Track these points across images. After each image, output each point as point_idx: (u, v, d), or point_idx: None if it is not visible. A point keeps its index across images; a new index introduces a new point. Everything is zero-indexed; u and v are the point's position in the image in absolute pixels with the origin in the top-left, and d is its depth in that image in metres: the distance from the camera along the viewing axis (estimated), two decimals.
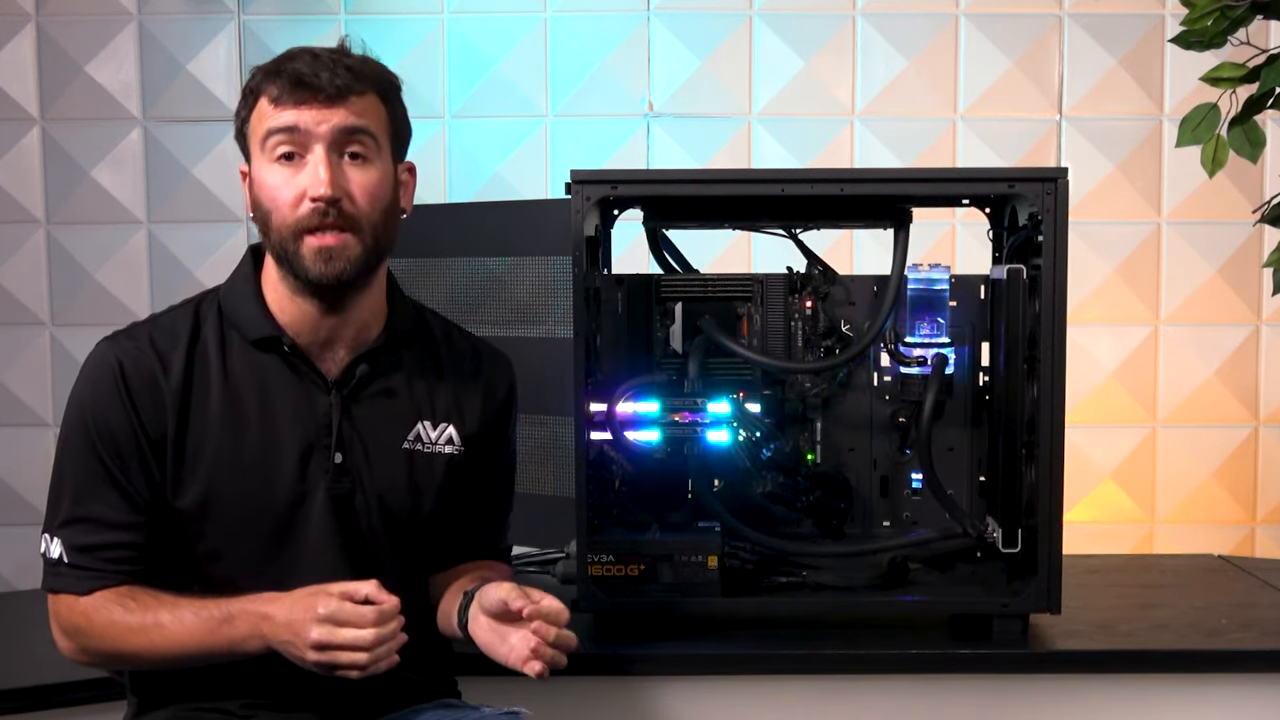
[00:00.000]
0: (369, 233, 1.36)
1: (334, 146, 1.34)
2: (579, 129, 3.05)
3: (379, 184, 1.37)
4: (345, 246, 1.34)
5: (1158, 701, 1.75)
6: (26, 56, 3.04)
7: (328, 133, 1.33)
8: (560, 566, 1.84)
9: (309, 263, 1.34)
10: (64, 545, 1.34)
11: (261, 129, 1.34)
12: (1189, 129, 1.75)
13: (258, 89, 1.35)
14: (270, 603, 1.29)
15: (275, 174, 1.34)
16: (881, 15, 3.02)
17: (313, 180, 1.32)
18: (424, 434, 1.46)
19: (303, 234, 1.33)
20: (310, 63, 1.33)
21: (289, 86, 1.32)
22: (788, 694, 1.76)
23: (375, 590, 1.27)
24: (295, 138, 1.33)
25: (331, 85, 1.33)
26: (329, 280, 1.34)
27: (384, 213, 1.38)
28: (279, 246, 1.35)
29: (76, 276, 3.07)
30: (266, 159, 1.34)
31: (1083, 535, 2.91)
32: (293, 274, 1.36)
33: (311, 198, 1.32)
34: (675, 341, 1.89)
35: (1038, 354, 1.72)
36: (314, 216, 1.33)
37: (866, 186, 1.77)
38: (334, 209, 1.33)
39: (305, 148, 1.33)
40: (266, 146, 1.34)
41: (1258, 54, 1.70)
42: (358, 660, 1.25)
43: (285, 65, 1.33)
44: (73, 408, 1.37)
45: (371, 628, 1.24)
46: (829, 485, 1.93)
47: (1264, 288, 2.97)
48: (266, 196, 1.34)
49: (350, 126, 1.34)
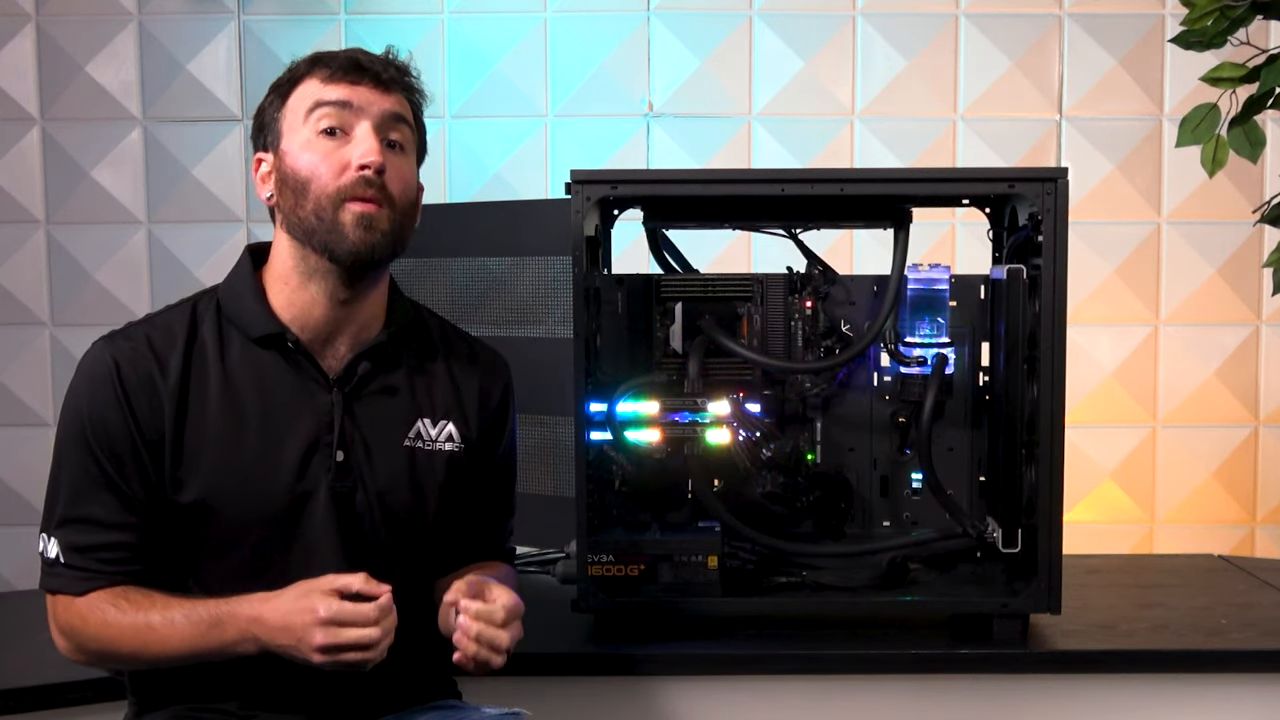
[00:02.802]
0: (399, 214, 1.39)
1: (379, 129, 1.38)
2: (579, 129, 3.05)
3: (411, 175, 1.43)
4: (384, 217, 1.37)
5: (1158, 701, 1.75)
6: (26, 56, 3.05)
7: (378, 113, 1.38)
8: (560, 566, 1.84)
9: (349, 229, 1.35)
10: (60, 545, 1.34)
11: (307, 102, 1.37)
12: (1189, 129, 1.75)
13: (303, 72, 1.39)
14: (260, 604, 1.28)
15: (318, 146, 1.36)
16: (881, 15, 3.02)
17: (364, 149, 1.35)
18: (424, 432, 1.46)
19: (344, 201, 1.35)
20: (364, 54, 1.40)
21: (344, 66, 1.38)
22: (788, 694, 1.76)
23: (365, 583, 1.26)
24: (345, 113, 1.36)
25: (386, 72, 1.39)
26: (364, 250, 1.35)
27: (411, 205, 1.42)
28: (314, 217, 1.35)
29: (76, 276, 3.07)
30: (309, 132, 1.36)
31: (1083, 535, 2.91)
32: (323, 248, 1.36)
33: (361, 164, 1.34)
34: (675, 341, 1.89)
35: (1038, 354, 1.72)
36: (359, 184, 1.35)
37: (866, 186, 1.77)
38: (378, 181, 1.36)
39: (351, 125, 1.37)
40: (311, 118, 1.36)
41: (1258, 54, 1.70)
42: (366, 657, 1.25)
43: (338, 53, 1.40)
44: (69, 408, 1.37)
45: (375, 626, 1.24)
46: (829, 485, 1.93)
47: (1264, 288, 2.97)
48: (305, 165, 1.36)
49: (397, 113, 1.40)
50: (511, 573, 1.59)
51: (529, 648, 1.43)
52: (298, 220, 1.37)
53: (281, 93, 1.40)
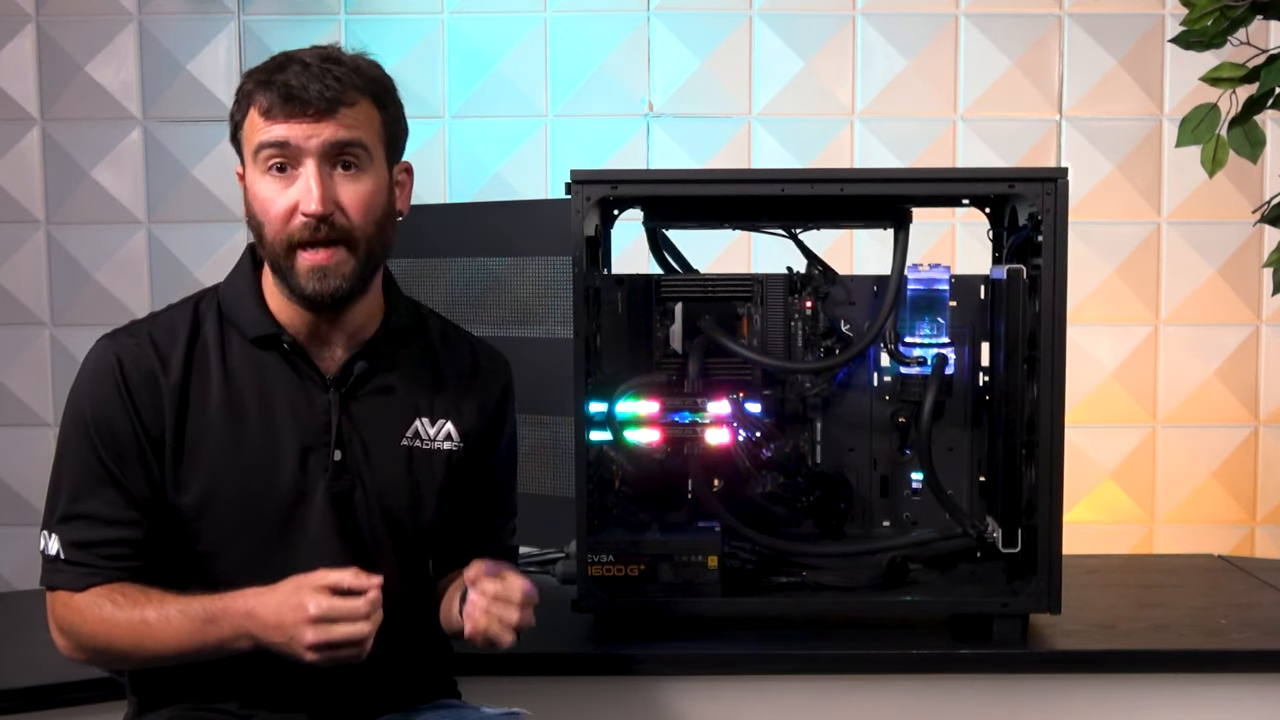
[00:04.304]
0: (363, 245, 1.36)
1: (325, 159, 1.33)
2: (579, 129, 3.05)
3: (372, 195, 1.36)
4: (339, 263, 1.34)
5: (1158, 701, 1.75)
6: (26, 56, 3.04)
7: (318, 146, 1.32)
8: (560, 566, 1.84)
9: (302, 280, 1.34)
10: (61, 542, 1.34)
11: (254, 140, 1.33)
12: (1189, 129, 1.75)
13: (250, 96, 1.34)
14: (254, 599, 1.28)
15: (267, 185, 1.33)
16: (881, 15, 3.02)
17: (304, 195, 1.31)
18: (422, 431, 1.45)
19: (295, 249, 1.33)
20: (300, 74, 1.32)
21: (279, 100, 1.31)
22: (788, 694, 1.76)
23: (355, 578, 1.26)
24: (286, 152, 1.32)
25: (321, 99, 1.31)
26: (323, 298, 1.35)
27: (377, 222, 1.38)
28: (272, 258, 1.35)
29: (76, 276, 3.07)
30: (259, 170, 1.34)
31: (1083, 535, 2.91)
32: (286, 285, 1.36)
33: (303, 213, 1.32)
34: (675, 341, 1.89)
35: (1038, 354, 1.72)
36: (306, 231, 1.32)
37: (866, 186, 1.77)
38: (325, 224, 1.32)
39: (296, 161, 1.32)
40: (259, 158, 1.33)
41: (1258, 54, 1.70)
42: (358, 653, 1.25)
43: (275, 76, 1.32)
44: (72, 405, 1.37)
45: (365, 621, 1.24)
46: (829, 485, 1.93)
47: (1264, 288, 2.97)
48: (259, 207, 1.34)
49: (341, 140, 1.33)
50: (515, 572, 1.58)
51: (529, 648, 1.43)
52: (265, 254, 1.37)
53: (238, 109, 1.36)
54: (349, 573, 1.27)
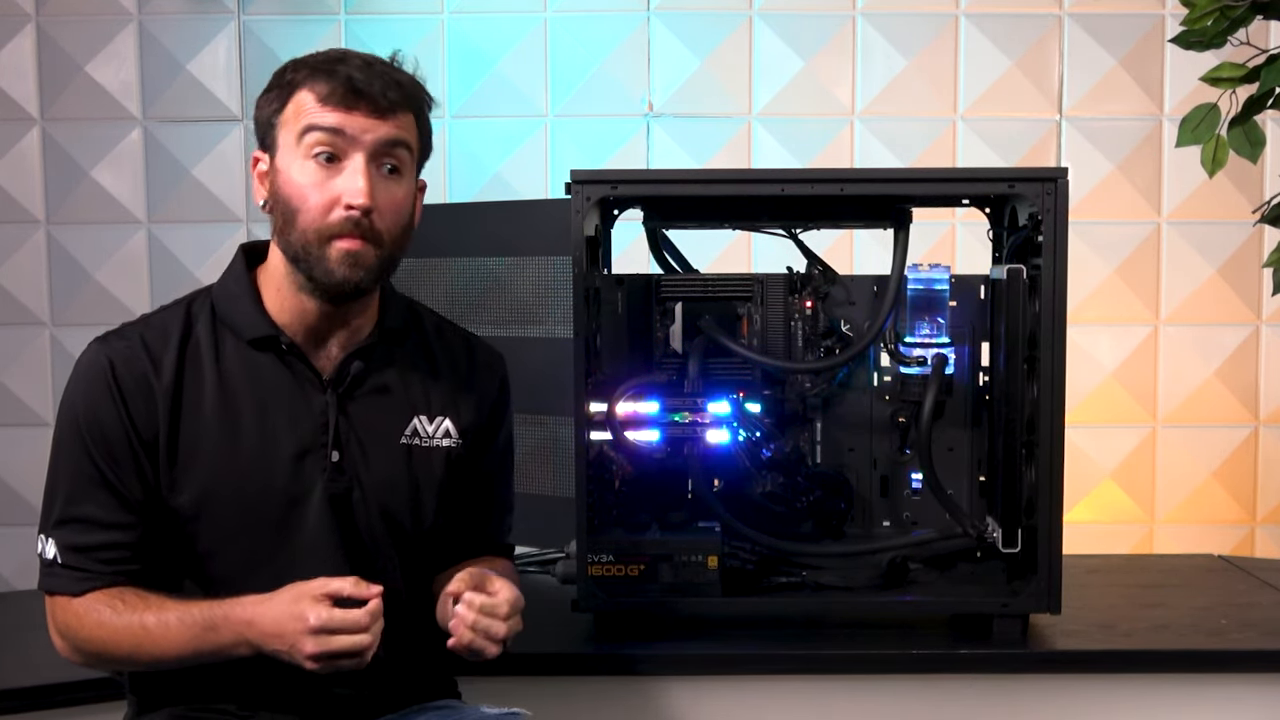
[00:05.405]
0: (388, 247, 1.37)
1: (373, 157, 1.34)
2: (579, 129, 3.05)
3: (405, 200, 1.38)
4: (369, 255, 1.34)
5: (1158, 701, 1.75)
6: (26, 56, 3.04)
7: (371, 143, 1.33)
8: (560, 566, 1.84)
9: (333, 265, 1.33)
10: (58, 545, 1.34)
11: (301, 123, 1.33)
12: (1189, 129, 1.75)
13: (301, 82, 1.33)
14: (254, 608, 1.27)
15: (308, 172, 1.33)
16: (881, 15, 3.02)
17: (352, 189, 1.31)
18: (421, 428, 1.45)
19: (331, 239, 1.33)
20: (363, 69, 1.33)
21: (341, 89, 1.32)
22: (788, 694, 1.76)
23: (355, 587, 1.26)
24: (338, 141, 1.32)
25: (384, 98, 1.32)
26: (348, 285, 1.34)
27: (404, 229, 1.39)
28: (300, 246, 1.34)
29: (76, 276, 3.07)
30: (300, 154, 1.33)
31: (1083, 535, 2.91)
32: (308, 274, 1.35)
33: (348, 205, 1.31)
34: (675, 341, 1.89)
35: (1038, 354, 1.72)
36: (346, 224, 1.32)
37: (866, 186, 1.77)
38: (367, 220, 1.33)
39: (345, 153, 1.32)
40: (304, 142, 1.32)
41: (1258, 54, 1.70)
42: (359, 663, 1.25)
43: (338, 66, 1.33)
44: (65, 408, 1.37)
45: (366, 632, 1.24)
46: (829, 485, 1.93)
47: (1264, 288, 2.97)
48: (295, 193, 1.33)
49: (395, 139, 1.34)
50: (510, 568, 1.58)
51: (529, 648, 1.43)
52: (287, 243, 1.36)
53: (280, 95, 1.35)
54: (349, 581, 1.26)
